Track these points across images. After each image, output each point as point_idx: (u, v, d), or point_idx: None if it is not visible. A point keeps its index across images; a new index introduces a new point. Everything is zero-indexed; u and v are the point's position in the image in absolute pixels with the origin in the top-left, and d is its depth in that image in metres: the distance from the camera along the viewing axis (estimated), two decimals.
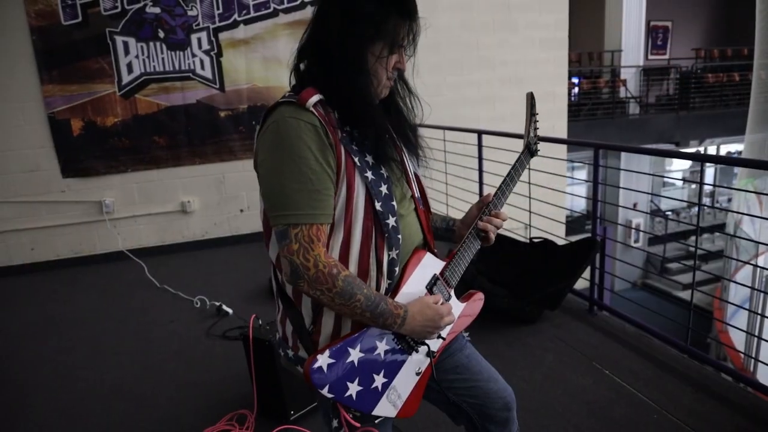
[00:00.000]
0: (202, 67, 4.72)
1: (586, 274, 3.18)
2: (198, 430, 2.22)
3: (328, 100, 1.06)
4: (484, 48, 5.56)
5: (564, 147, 5.86)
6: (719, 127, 10.75)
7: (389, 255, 1.11)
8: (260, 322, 2.29)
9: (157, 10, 4.50)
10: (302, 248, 1.00)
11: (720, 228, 12.19)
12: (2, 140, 4.39)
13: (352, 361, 1.07)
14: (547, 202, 3.62)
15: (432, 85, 5.47)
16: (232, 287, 3.91)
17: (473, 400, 1.28)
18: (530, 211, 3.78)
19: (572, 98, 10.38)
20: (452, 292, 1.25)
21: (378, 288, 1.10)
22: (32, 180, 4.51)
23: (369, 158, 1.10)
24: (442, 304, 1.16)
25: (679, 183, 14.59)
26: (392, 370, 1.13)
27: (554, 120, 6.00)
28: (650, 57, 12.62)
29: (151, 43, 4.55)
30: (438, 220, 1.38)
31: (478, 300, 1.34)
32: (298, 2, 4.85)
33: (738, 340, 7.93)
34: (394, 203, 1.12)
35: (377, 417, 1.13)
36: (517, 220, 3.82)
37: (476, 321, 1.33)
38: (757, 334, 6.40)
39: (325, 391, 1.04)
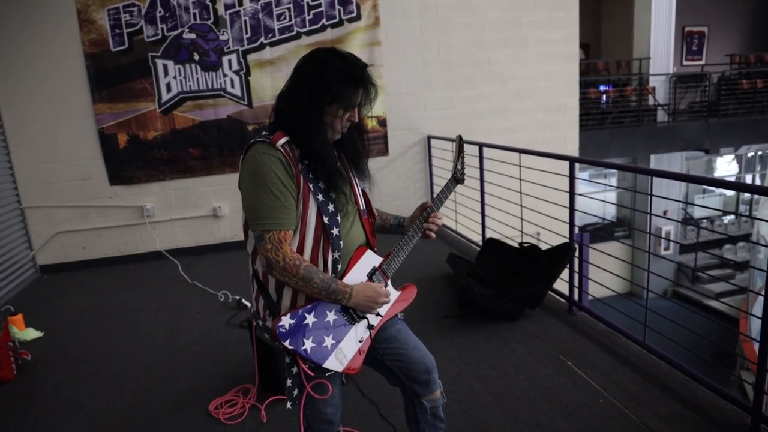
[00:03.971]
0: (232, 86, 5.24)
1: (567, 276, 3.46)
2: (211, 400, 2.66)
3: (293, 140, 1.46)
4: (495, 63, 5.87)
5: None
6: (753, 133, 10.61)
7: (333, 256, 1.50)
8: None
9: (193, 35, 5.04)
10: (274, 247, 1.41)
11: (746, 237, 11.98)
12: (60, 152, 5.02)
13: (308, 324, 1.47)
14: (548, 215, 3.86)
15: (444, 99, 5.84)
16: None
17: (400, 364, 1.65)
18: (522, 218, 4.09)
19: (601, 106, 10.51)
20: (389, 282, 1.63)
21: None
22: (84, 187, 5.13)
23: (321, 184, 1.49)
24: (383, 288, 1.55)
25: (719, 190, 14.35)
26: (339, 335, 1.52)
27: (565, 130, 6.25)
28: (684, 63, 12.55)
29: (188, 65, 5.10)
30: (391, 219, 1.79)
31: (410, 289, 1.71)
32: (319, 25, 5.31)
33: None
34: (339, 218, 1.51)
35: (327, 371, 1.51)
36: (514, 228, 4.13)
37: (462, 317, 1.69)
38: None
39: (287, 343, 1.43)
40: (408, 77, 5.70)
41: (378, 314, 1.60)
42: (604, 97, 10.42)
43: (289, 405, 1.56)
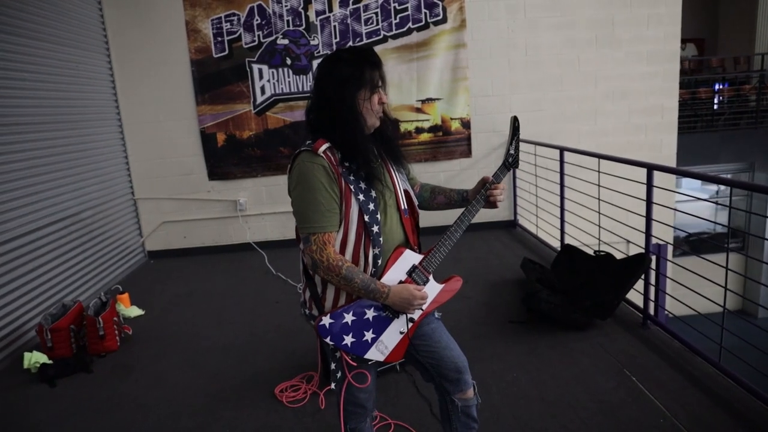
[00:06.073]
0: None
1: (641, 288, 3.31)
2: (277, 383, 2.88)
3: (333, 144, 1.58)
4: (585, 63, 5.66)
5: (642, 169, 5.73)
6: None
7: (373, 251, 1.60)
8: None
9: (286, 41, 5.36)
10: (318, 248, 1.54)
11: None
12: (169, 150, 5.56)
13: (346, 322, 1.59)
14: (628, 225, 3.72)
15: (531, 101, 5.73)
16: None
17: (432, 361, 1.73)
18: (600, 226, 3.95)
19: (715, 106, 9.71)
20: (431, 277, 1.70)
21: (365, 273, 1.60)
22: (187, 181, 5.64)
23: (362, 184, 1.60)
24: (419, 290, 1.62)
25: None
26: (380, 328, 1.63)
27: (662, 134, 5.88)
28: None
29: (280, 69, 5.43)
30: (454, 195, 1.86)
31: (454, 280, 1.75)
32: (405, 29, 5.42)
33: None
34: (378, 216, 1.61)
35: (369, 360, 1.64)
36: (592, 236, 3.99)
37: (528, 323, 1.68)
38: None
39: (327, 340, 1.58)
40: (493, 79, 5.66)
41: (420, 308, 1.67)
42: (717, 96, 9.61)
43: (333, 386, 1.70)
